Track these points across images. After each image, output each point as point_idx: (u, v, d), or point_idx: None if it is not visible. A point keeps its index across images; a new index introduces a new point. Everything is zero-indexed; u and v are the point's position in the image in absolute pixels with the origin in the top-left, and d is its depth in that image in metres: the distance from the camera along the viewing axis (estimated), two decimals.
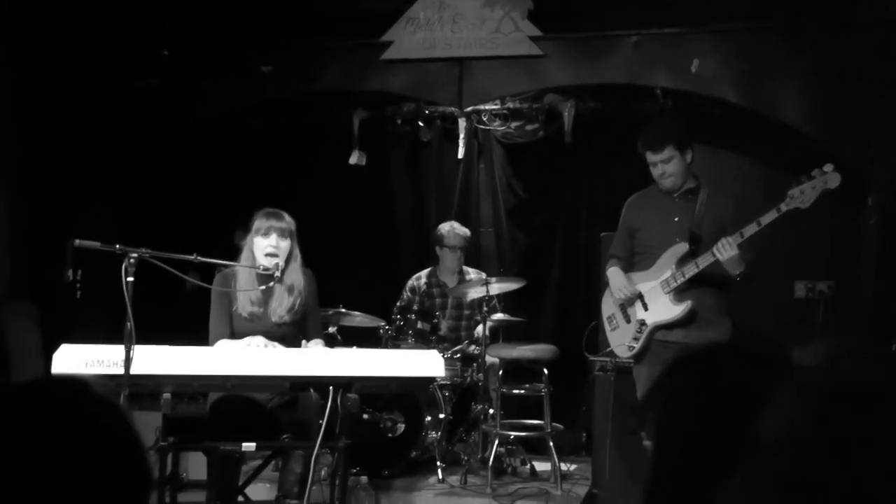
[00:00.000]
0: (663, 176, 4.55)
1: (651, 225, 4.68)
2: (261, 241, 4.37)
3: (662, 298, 4.54)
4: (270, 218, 4.41)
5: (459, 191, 7.41)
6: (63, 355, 3.49)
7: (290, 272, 4.43)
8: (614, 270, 4.77)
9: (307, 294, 4.48)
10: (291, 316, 4.40)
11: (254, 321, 4.35)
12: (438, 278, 6.58)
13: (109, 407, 1.31)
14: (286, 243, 4.39)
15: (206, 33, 6.80)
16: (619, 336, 4.73)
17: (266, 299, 4.39)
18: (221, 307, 4.38)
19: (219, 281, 4.42)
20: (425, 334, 5.97)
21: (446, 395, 5.91)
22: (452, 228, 6.52)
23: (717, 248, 4.28)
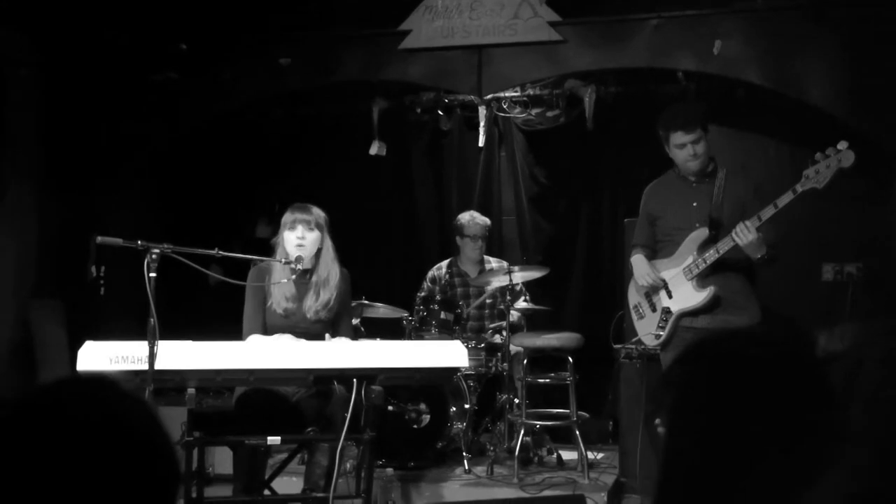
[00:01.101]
0: (694, 157, 4.53)
1: (670, 212, 4.68)
2: (289, 234, 4.42)
3: (686, 285, 4.55)
4: (296, 211, 4.46)
5: (480, 179, 7.42)
6: (87, 352, 3.54)
7: (323, 266, 4.46)
8: (638, 258, 4.78)
9: (342, 292, 4.51)
10: (326, 313, 4.43)
11: (288, 317, 4.39)
12: (460, 268, 6.60)
13: (137, 404, 1.34)
14: (313, 234, 4.43)
15: (225, 26, 6.83)
16: (645, 325, 4.74)
17: (301, 296, 4.43)
18: (255, 302, 4.42)
19: (253, 275, 4.47)
20: (449, 325, 5.99)
21: (471, 385, 5.93)
22: (472, 218, 6.53)
23: (736, 232, 4.27)
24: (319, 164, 7.51)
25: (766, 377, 1.38)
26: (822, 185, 4.16)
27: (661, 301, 4.66)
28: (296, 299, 4.42)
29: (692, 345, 1.49)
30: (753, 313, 4.49)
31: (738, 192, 4.54)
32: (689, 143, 4.51)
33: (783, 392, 1.37)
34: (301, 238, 4.39)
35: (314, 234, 4.43)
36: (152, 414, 1.34)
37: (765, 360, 1.40)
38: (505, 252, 7.21)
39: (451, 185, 7.59)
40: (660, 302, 4.67)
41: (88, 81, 6.64)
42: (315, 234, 4.43)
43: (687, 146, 4.52)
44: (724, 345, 1.46)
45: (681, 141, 4.53)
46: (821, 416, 1.33)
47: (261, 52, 6.89)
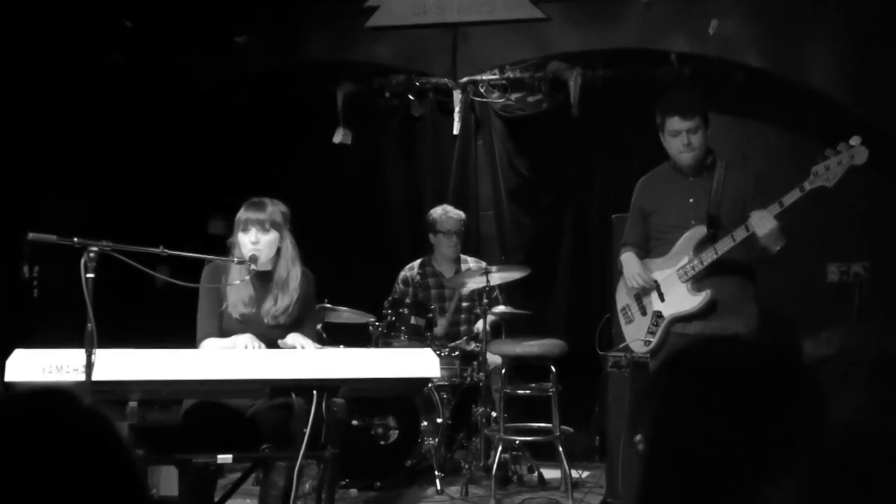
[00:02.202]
0: (689, 147, 4.54)
1: (665, 207, 4.69)
2: (242, 237, 4.38)
3: (680, 288, 4.57)
4: (249, 210, 4.42)
5: (456, 170, 7.42)
6: (17, 361, 3.49)
7: (283, 266, 4.44)
8: (628, 257, 4.79)
9: (304, 295, 4.49)
10: (286, 317, 4.41)
11: (245, 323, 4.36)
12: (434, 268, 6.60)
13: (98, 419, 1.35)
14: (269, 236, 4.39)
15: (176, 2, 6.79)
16: (634, 329, 4.76)
17: (259, 299, 4.41)
18: (210, 304, 4.39)
19: (208, 274, 4.43)
20: (420, 330, 5.98)
21: (444, 397, 5.93)
22: (446, 212, 6.53)
23: (755, 222, 4.28)
24: (278, 154, 7.48)
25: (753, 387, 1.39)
26: (832, 183, 4.19)
27: (651, 304, 4.68)
28: (253, 303, 4.40)
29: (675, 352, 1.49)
30: (751, 319, 4.52)
31: (739, 188, 4.56)
32: (685, 130, 4.52)
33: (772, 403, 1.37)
34: (255, 242, 4.36)
35: (270, 236, 4.40)
36: (113, 428, 1.35)
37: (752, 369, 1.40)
38: (482, 250, 7.22)
39: (423, 176, 7.58)
40: (650, 305, 4.68)
41: (22, 61, 6.58)
42: (271, 236, 4.40)
43: (682, 134, 4.53)
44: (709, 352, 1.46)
45: (676, 127, 4.54)
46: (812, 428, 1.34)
47: (215, 32, 6.85)
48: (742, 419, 1.36)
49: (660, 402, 1.45)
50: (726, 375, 1.40)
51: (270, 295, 4.41)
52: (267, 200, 4.46)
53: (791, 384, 1.38)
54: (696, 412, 1.39)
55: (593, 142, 7.09)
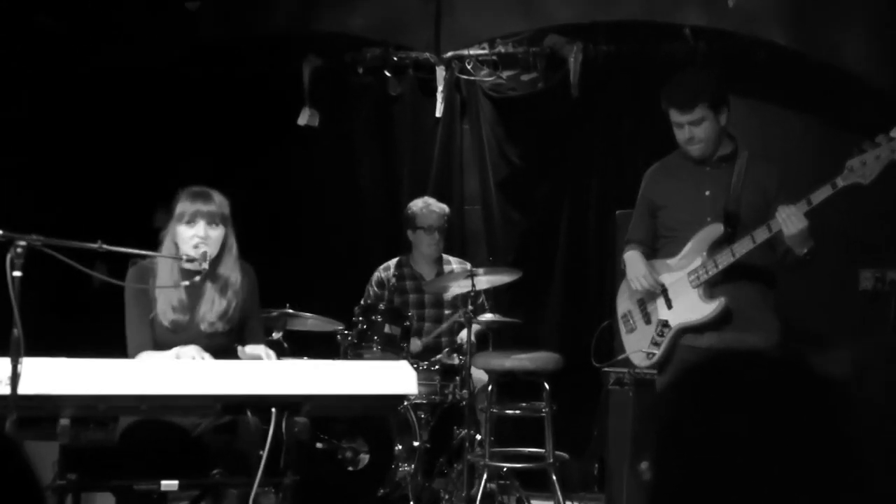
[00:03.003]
0: (691, 142, 4.58)
1: (677, 201, 4.71)
2: (185, 230, 4.35)
3: (690, 294, 4.58)
4: (196, 200, 4.39)
5: (438, 158, 7.43)
6: None
7: (224, 266, 4.43)
8: (633, 255, 4.81)
9: (246, 294, 4.48)
10: (225, 323, 4.40)
11: (177, 332, 4.34)
12: (412, 269, 6.60)
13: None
14: (217, 231, 4.38)
15: None
16: (636, 340, 4.77)
17: (193, 303, 4.39)
18: (139, 309, 4.36)
19: (134, 275, 4.40)
20: (395, 341, 5.98)
21: (422, 417, 5.92)
22: (427, 205, 6.53)
23: (782, 220, 4.28)
24: (234, 137, 7.46)
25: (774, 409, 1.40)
26: (868, 180, 4.20)
27: (657, 311, 4.69)
28: (186, 308, 4.38)
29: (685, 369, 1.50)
30: (770, 332, 4.53)
31: (761, 182, 4.57)
32: (686, 123, 4.55)
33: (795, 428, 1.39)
34: (202, 238, 4.34)
35: (219, 231, 4.39)
36: (19, 451, 1.34)
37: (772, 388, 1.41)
38: (468, 250, 7.23)
39: (401, 165, 7.58)
40: (656, 312, 4.70)
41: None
42: (220, 231, 4.39)
43: (684, 128, 4.56)
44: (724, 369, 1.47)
45: (676, 120, 4.58)
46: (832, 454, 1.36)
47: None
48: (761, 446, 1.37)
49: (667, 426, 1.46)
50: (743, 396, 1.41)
51: (205, 297, 4.39)
52: (211, 191, 4.45)
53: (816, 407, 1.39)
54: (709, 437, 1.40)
55: (595, 127, 7.11)
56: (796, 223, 4.26)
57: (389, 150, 7.65)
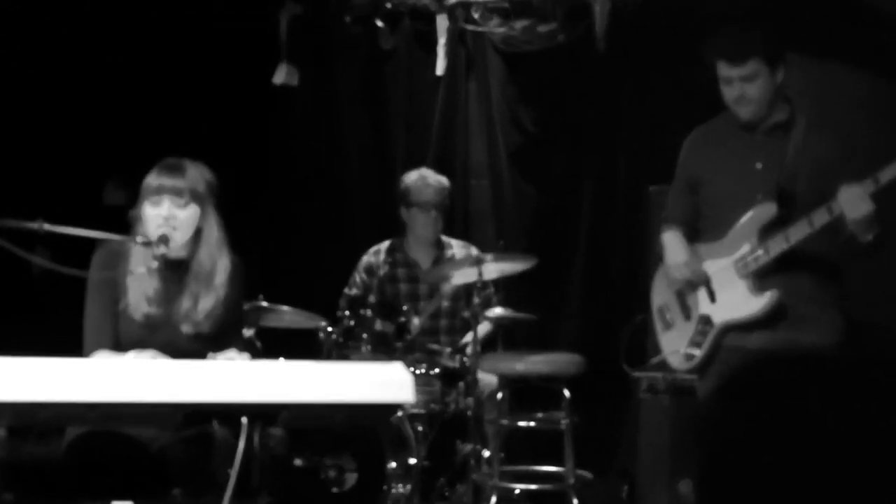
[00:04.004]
0: (741, 101, 4.57)
1: (722, 175, 4.71)
2: (149, 209, 4.34)
3: (737, 285, 4.58)
4: (162, 174, 4.37)
5: (439, 124, 7.43)
6: None
7: (205, 254, 4.41)
8: (672, 237, 4.82)
9: (234, 294, 4.48)
10: (211, 324, 4.39)
11: (151, 329, 4.33)
12: (406, 254, 6.60)
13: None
14: (188, 211, 4.36)
15: None
16: (673, 338, 4.78)
17: (171, 296, 4.38)
18: (103, 300, 4.35)
19: (101, 260, 4.39)
20: (387, 339, 5.98)
21: (420, 429, 5.93)
22: (422, 178, 6.52)
23: (844, 202, 4.28)
24: (199, 100, 7.45)
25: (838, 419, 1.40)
26: None
27: (698, 305, 4.70)
28: (163, 301, 4.37)
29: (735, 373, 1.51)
30: (831, 330, 4.52)
31: (822, 155, 4.57)
32: (736, 79, 4.55)
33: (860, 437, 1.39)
34: (168, 218, 4.34)
35: (189, 212, 4.37)
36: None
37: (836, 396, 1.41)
38: (473, 232, 7.23)
39: (395, 133, 7.59)
40: (697, 306, 4.71)
41: None
42: (191, 211, 4.38)
43: (734, 83, 4.56)
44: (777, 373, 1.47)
45: (726, 74, 4.58)
46: None
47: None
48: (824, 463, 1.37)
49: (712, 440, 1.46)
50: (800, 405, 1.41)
51: (187, 292, 4.38)
52: (187, 162, 4.43)
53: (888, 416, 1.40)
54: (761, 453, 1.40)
55: (624, 88, 7.10)
56: (861, 206, 4.26)
57: (381, 115, 7.66)
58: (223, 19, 7.36)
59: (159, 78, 7.48)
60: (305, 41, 7.45)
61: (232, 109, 7.44)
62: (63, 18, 7.13)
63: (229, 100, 7.46)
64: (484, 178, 7.44)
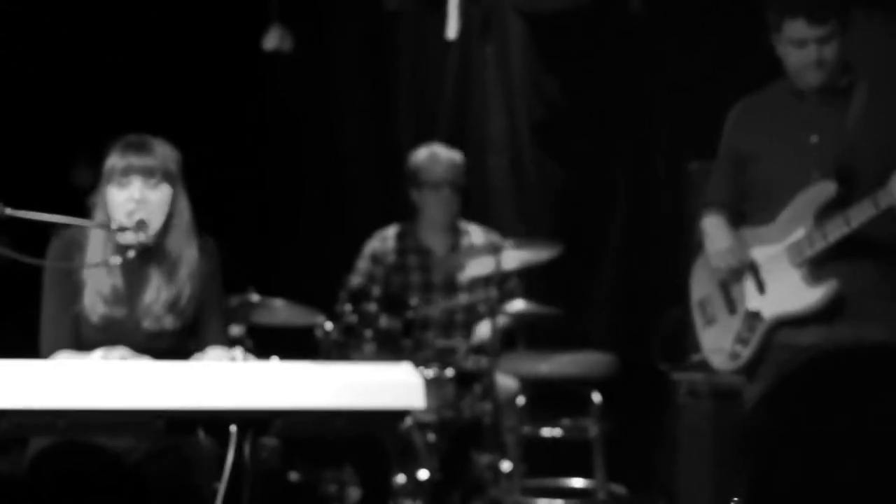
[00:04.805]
0: (817, 66, 4.53)
1: (773, 150, 4.69)
2: (116, 192, 4.33)
3: (790, 275, 4.57)
4: (128, 152, 4.36)
5: (451, 95, 7.42)
6: None
7: (174, 240, 4.41)
8: (714, 222, 4.81)
9: (204, 278, 4.46)
10: (177, 318, 4.37)
11: (110, 331, 4.33)
12: (417, 240, 6.59)
13: None
14: (160, 193, 4.35)
15: None
16: (716, 335, 4.77)
17: (132, 292, 4.37)
18: (59, 296, 4.35)
19: (56, 250, 4.39)
20: (394, 336, 5.99)
21: (431, 439, 5.94)
22: (432, 154, 6.51)
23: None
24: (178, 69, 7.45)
25: None
26: None
27: (745, 297, 4.69)
28: (124, 299, 4.35)
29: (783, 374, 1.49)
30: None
31: (887, 125, 4.57)
32: (813, 41, 4.52)
33: None
34: (137, 200, 4.33)
35: (160, 193, 4.35)
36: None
37: None
38: (492, 216, 7.22)
39: (401, 104, 7.58)
40: (743, 299, 4.70)
41: None
42: (162, 193, 4.36)
43: (809, 46, 4.52)
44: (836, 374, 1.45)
45: (801, 35, 4.52)
46: None
47: None
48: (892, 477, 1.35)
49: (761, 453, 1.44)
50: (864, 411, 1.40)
51: (151, 284, 4.38)
52: (151, 139, 4.42)
53: None
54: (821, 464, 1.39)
55: (662, 51, 7.08)
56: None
57: (385, 85, 7.65)
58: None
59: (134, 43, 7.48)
60: (299, 1, 7.44)
61: (215, 79, 7.45)
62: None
63: (212, 68, 7.46)
64: (503, 156, 7.43)
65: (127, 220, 4.27)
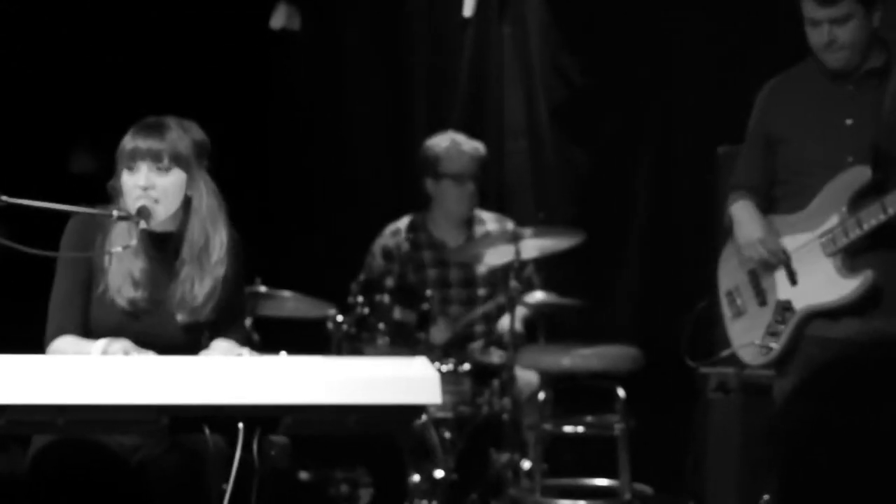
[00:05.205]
0: (831, 47, 4.55)
1: (805, 132, 4.70)
2: (126, 178, 4.33)
3: (823, 264, 4.58)
4: (138, 136, 4.34)
5: (467, 76, 7.42)
6: None
7: (196, 228, 4.38)
8: (743, 208, 4.81)
9: (233, 275, 4.47)
10: (209, 311, 4.37)
11: (138, 316, 4.33)
12: (430, 233, 6.58)
13: None
14: (170, 178, 4.33)
15: None
16: (745, 327, 4.78)
17: (160, 279, 4.37)
18: (73, 279, 4.33)
19: (74, 235, 4.38)
20: (408, 330, 5.99)
21: (447, 436, 5.95)
22: (455, 144, 6.50)
23: None
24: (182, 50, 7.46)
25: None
26: None
27: (776, 288, 4.69)
28: (149, 284, 4.36)
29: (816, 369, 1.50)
30: None
31: None
32: (825, 20, 4.53)
33: None
34: (147, 187, 4.32)
35: (171, 178, 4.34)
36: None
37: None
38: (509, 204, 7.22)
39: (414, 86, 7.58)
40: (774, 290, 4.70)
41: None
42: (173, 178, 4.35)
43: (823, 26, 4.54)
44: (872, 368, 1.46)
45: (813, 15, 4.55)
46: None
47: None
48: None
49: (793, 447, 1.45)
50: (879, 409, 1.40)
51: (181, 272, 4.38)
52: (170, 120, 4.42)
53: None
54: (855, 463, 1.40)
55: (689, 29, 7.07)
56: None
57: (398, 66, 7.66)
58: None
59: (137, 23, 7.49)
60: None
61: (221, 59, 7.46)
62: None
63: (218, 48, 7.47)
64: (522, 140, 7.42)
65: (135, 205, 4.27)
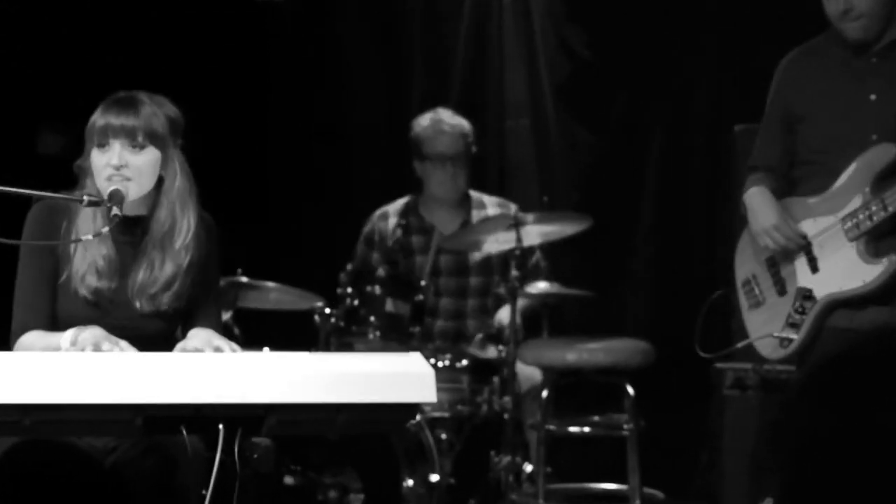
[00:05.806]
0: (848, 16, 4.56)
1: (826, 109, 4.71)
2: (97, 156, 4.33)
3: (845, 250, 4.58)
4: (110, 111, 4.33)
5: (465, 51, 7.42)
6: None
7: (166, 210, 4.39)
8: (759, 194, 4.81)
9: (203, 260, 4.47)
10: (173, 298, 4.37)
11: (100, 306, 4.34)
12: (423, 218, 6.59)
13: None
14: (145, 156, 4.33)
15: None
16: (764, 319, 4.78)
17: (125, 266, 4.38)
18: (37, 270, 4.35)
19: (37, 221, 4.38)
20: (401, 323, 6.00)
21: (443, 437, 5.96)
22: (436, 123, 6.50)
23: None
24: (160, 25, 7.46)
25: None
26: None
27: (796, 276, 4.70)
28: (115, 272, 4.37)
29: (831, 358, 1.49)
30: None
31: None
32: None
33: None
34: (119, 167, 4.32)
35: (146, 157, 4.34)
36: None
37: None
38: (511, 187, 7.23)
39: (409, 61, 7.58)
40: (794, 278, 4.71)
41: None
42: (148, 156, 4.35)
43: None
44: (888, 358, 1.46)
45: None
46: None
47: None
48: None
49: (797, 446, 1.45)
50: None
51: (144, 259, 4.38)
52: (142, 95, 4.41)
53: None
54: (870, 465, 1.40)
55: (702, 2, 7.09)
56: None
57: (392, 40, 7.66)
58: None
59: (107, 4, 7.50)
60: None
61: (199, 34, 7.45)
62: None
63: (199, 22, 7.47)
64: (524, 119, 7.43)
65: (106, 186, 4.25)
